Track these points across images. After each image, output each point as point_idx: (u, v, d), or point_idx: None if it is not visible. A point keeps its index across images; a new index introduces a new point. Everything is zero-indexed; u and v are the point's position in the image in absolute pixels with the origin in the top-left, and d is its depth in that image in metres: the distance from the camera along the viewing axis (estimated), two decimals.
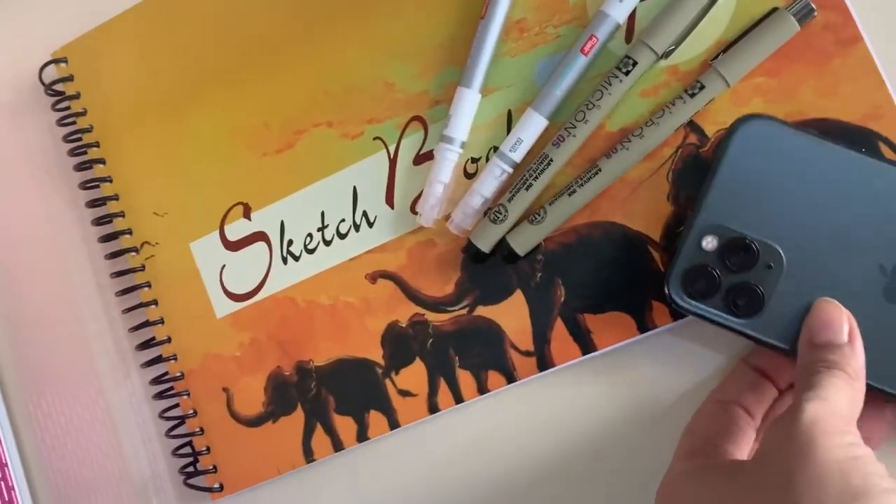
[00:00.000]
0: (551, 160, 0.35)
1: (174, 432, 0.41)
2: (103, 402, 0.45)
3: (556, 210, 0.35)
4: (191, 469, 0.41)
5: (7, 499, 0.45)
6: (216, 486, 0.40)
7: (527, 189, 0.35)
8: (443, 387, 0.38)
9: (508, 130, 0.37)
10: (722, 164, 0.32)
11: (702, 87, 0.34)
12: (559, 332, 0.36)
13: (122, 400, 0.44)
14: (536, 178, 0.35)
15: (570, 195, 0.35)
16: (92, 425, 0.45)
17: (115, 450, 0.44)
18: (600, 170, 0.35)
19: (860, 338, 0.28)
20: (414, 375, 0.38)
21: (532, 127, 0.36)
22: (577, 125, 0.35)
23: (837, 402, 0.26)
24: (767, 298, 0.31)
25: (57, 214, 0.45)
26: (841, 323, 0.28)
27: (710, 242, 0.32)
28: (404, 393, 0.38)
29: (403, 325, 0.38)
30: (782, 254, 0.31)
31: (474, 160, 0.37)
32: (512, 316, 0.37)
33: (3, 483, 0.45)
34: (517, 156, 0.36)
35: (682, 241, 0.32)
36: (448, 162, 0.37)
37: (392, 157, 0.38)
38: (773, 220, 0.31)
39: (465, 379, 0.37)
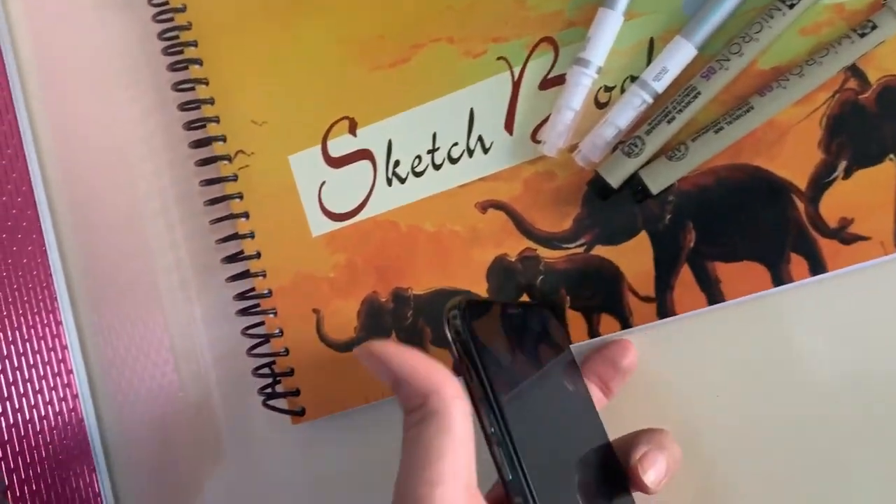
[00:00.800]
0: (699, 93, 0.32)
1: (256, 351, 0.40)
2: (163, 320, 0.43)
3: (699, 147, 0.32)
4: (269, 391, 0.39)
5: (71, 406, 0.43)
6: (298, 409, 0.39)
7: (668, 122, 0.33)
8: None
9: (648, 61, 0.34)
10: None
11: (873, 27, 0.31)
12: (684, 279, 0.34)
13: (181, 319, 0.43)
14: (680, 111, 0.33)
15: (716, 132, 0.32)
16: (150, 342, 0.44)
17: (169, 366, 0.43)
18: (752, 107, 0.32)
19: None
20: None
21: (680, 56, 0.33)
22: (731, 58, 0.32)
23: None
24: None
25: (142, 117, 0.43)
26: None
27: None
28: None
29: (512, 260, 0.36)
30: None
31: (608, 89, 0.35)
32: (633, 258, 0.34)
33: (68, 390, 0.43)
34: (660, 86, 0.33)
35: None
36: (581, 87, 0.34)
37: (516, 79, 0.36)
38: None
39: (574, 320, 0.35)
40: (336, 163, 0.38)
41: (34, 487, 0.39)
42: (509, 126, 0.36)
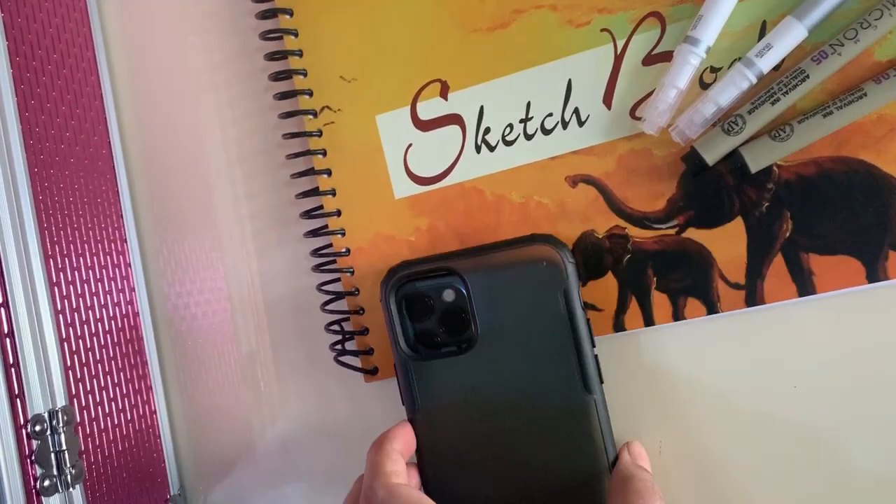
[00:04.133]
0: (807, 76, 0.32)
1: (330, 307, 0.40)
2: (222, 267, 0.43)
3: (805, 129, 0.32)
4: (340, 348, 0.40)
5: (137, 349, 0.44)
6: (371, 368, 0.39)
7: (772, 103, 0.32)
8: (633, 306, 0.35)
9: None
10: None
11: None
12: (777, 269, 0.34)
13: (248, 270, 0.43)
14: (786, 93, 0.32)
15: (824, 116, 0.32)
16: (212, 290, 0.44)
17: (227, 315, 0.44)
18: (865, 94, 0.31)
19: None
20: (602, 290, 0.36)
21: (790, 36, 0.32)
22: (846, 43, 0.32)
23: None
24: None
25: (223, 63, 0.43)
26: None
27: None
28: (589, 306, 0.36)
29: (599, 237, 0.36)
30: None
31: (714, 70, 0.34)
32: (726, 244, 0.34)
33: (134, 332, 0.44)
34: (766, 65, 0.32)
35: None
36: (689, 66, 0.33)
37: (619, 52, 0.35)
38: None
39: (659, 302, 0.35)
40: (424, 126, 0.38)
41: (98, 399, 0.40)
42: (608, 100, 0.36)
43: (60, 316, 0.38)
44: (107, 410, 0.40)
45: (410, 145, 0.38)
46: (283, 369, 0.43)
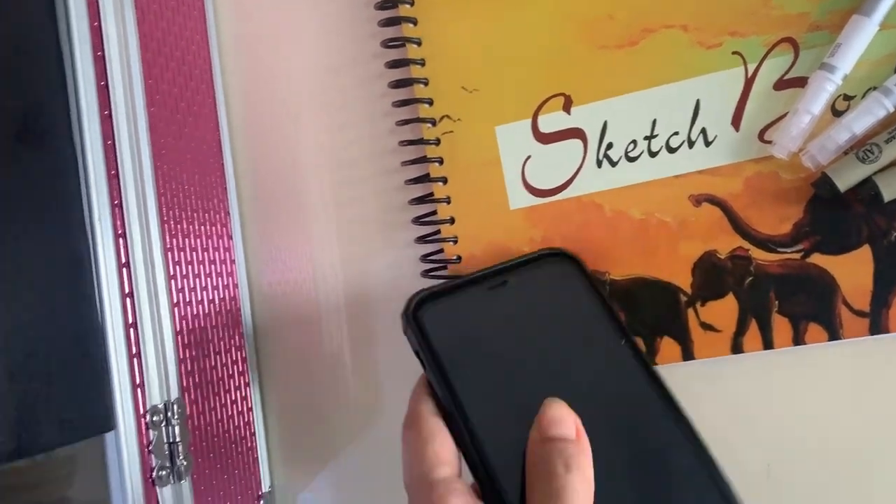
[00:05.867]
0: None
1: None
2: (327, 269, 0.44)
3: None
4: None
5: (238, 344, 0.44)
6: None
7: None
8: (752, 329, 0.35)
9: None
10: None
11: None
12: None
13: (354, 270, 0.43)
14: None
15: None
16: (310, 292, 0.44)
17: (318, 317, 0.44)
18: None
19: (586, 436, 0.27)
20: (722, 311, 0.36)
21: None
22: None
23: None
24: None
25: (343, 67, 0.43)
26: (570, 420, 0.27)
27: None
28: (707, 326, 0.36)
29: (721, 257, 0.36)
30: None
31: (847, 97, 0.34)
32: (852, 271, 0.34)
33: (237, 329, 0.44)
34: None
35: None
36: (824, 93, 0.34)
37: (750, 76, 0.36)
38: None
39: (780, 325, 0.35)
40: (545, 138, 0.38)
41: (204, 393, 0.40)
42: (736, 122, 0.36)
43: (176, 309, 0.38)
44: (211, 405, 0.40)
45: (529, 157, 0.39)
46: (379, 375, 0.43)
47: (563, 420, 0.27)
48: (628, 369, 0.31)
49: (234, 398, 0.42)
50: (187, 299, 0.39)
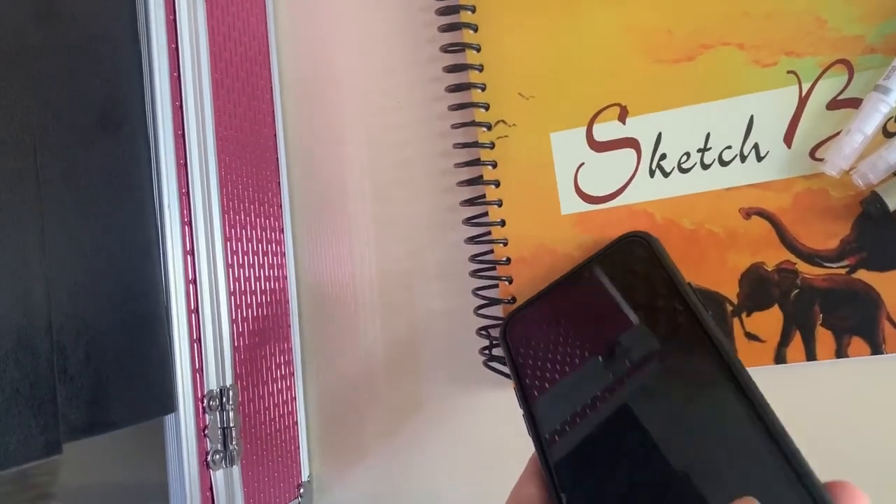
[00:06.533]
0: None
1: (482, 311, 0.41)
2: (370, 268, 0.45)
3: None
4: (488, 353, 0.41)
5: (285, 335, 0.45)
6: None
7: None
8: (796, 340, 0.36)
9: None
10: None
11: None
12: None
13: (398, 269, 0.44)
14: None
15: None
16: (355, 286, 0.45)
17: (359, 310, 0.45)
18: None
19: None
20: (767, 322, 0.37)
21: None
22: None
23: None
24: None
25: (399, 69, 0.45)
26: None
27: None
28: (752, 336, 0.37)
29: (769, 269, 0.37)
30: None
31: None
32: None
33: (284, 319, 0.45)
34: None
35: None
36: (878, 114, 0.35)
37: (804, 95, 0.37)
38: None
39: (823, 338, 0.36)
40: (599, 147, 0.39)
41: (254, 381, 0.41)
42: (788, 139, 0.37)
43: (232, 297, 0.39)
44: (259, 393, 0.41)
45: (582, 164, 0.40)
46: (417, 375, 0.44)
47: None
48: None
49: (279, 387, 0.43)
50: (242, 288, 0.40)
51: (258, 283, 0.42)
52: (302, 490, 0.44)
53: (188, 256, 0.36)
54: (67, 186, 0.30)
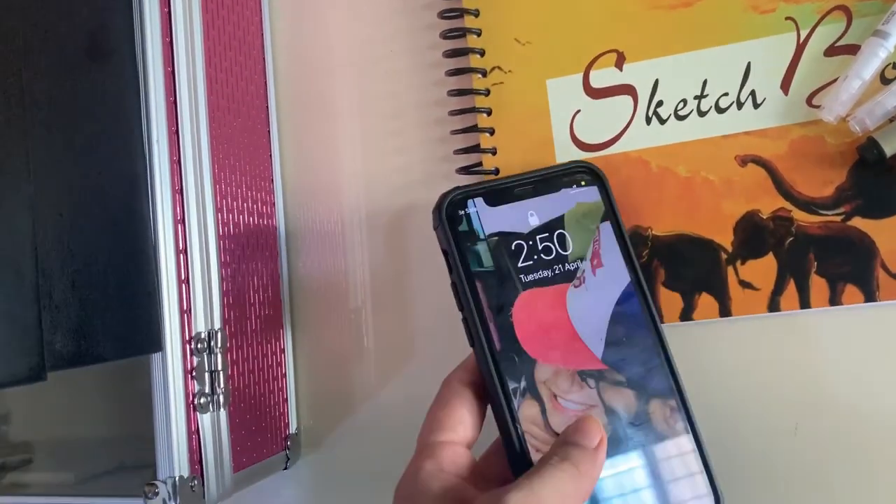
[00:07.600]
0: None
1: None
2: (359, 225, 0.44)
3: None
4: None
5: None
6: None
7: None
8: (790, 288, 0.36)
9: None
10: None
11: None
12: None
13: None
14: None
15: None
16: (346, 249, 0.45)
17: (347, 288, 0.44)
18: None
19: (604, 453, 0.29)
20: (761, 270, 0.37)
21: None
22: None
23: (544, 495, 0.26)
24: None
25: (390, 16, 0.44)
26: (595, 433, 0.29)
27: None
28: (746, 284, 0.37)
29: (764, 217, 0.37)
30: None
31: None
32: (892, 235, 0.35)
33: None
34: None
35: None
36: (876, 59, 0.35)
37: (802, 41, 0.36)
38: None
39: (817, 286, 0.36)
40: (596, 94, 0.39)
41: (243, 328, 0.41)
42: (785, 86, 0.37)
43: (222, 241, 0.39)
44: (248, 341, 0.41)
45: (578, 111, 0.39)
46: (405, 329, 0.44)
47: (588, 431, 0.29)
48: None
49: (268, 337, 0.43)
50: (231, 232, 0.40)
51: (247, 227, 0.41)
52: (289, 443, 0.44)
53: (177, 195, 0.35)
54: (54, 111, 0.29)
